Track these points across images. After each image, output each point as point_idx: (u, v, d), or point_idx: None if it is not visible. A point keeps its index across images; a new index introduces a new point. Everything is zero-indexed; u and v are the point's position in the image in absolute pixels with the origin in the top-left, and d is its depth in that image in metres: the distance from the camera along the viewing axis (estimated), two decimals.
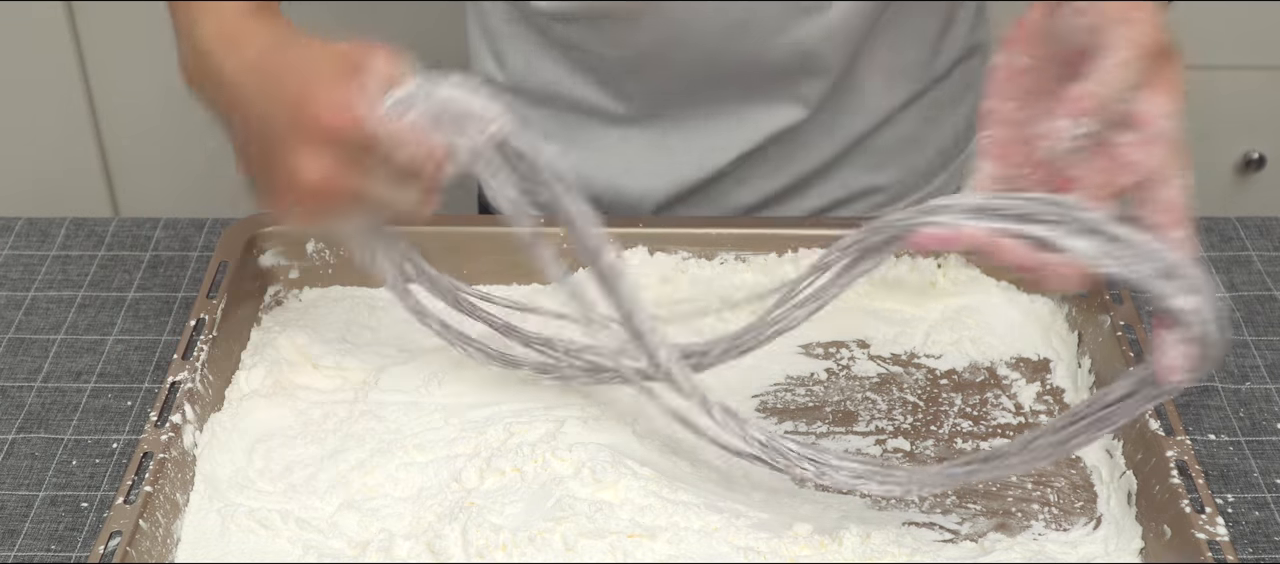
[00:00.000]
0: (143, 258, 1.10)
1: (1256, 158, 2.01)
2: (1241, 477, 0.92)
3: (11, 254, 1.11)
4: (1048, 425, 0.80)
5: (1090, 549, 0.84)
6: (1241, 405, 0.97)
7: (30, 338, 1.03)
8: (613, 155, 1.09)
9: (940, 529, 0.85)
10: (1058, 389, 0.96)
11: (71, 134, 2.02)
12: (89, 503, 0.90)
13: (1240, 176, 2.04)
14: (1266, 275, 1.08)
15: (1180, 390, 0.74)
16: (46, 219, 1.14)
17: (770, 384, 0.96)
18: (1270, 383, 0.99)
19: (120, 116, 2.03)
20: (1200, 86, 1.92)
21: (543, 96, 1.09)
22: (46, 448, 0.94)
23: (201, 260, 1.10)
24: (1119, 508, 0.86)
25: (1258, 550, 0.87)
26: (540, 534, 0.82)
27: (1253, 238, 1.12)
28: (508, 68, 1.10)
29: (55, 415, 0.96)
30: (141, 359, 1.01)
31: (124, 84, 1.99)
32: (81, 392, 0.98)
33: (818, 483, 0.84)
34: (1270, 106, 1.99)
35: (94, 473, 0.92)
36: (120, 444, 0.94)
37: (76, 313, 1.05)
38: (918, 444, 0.91)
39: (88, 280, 1.08)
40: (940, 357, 0.98)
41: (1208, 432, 0.95)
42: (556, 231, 1.02)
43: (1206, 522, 0.80)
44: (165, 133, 2.02)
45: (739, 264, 1.02)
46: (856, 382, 0.97)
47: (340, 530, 0.84)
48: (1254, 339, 1.02)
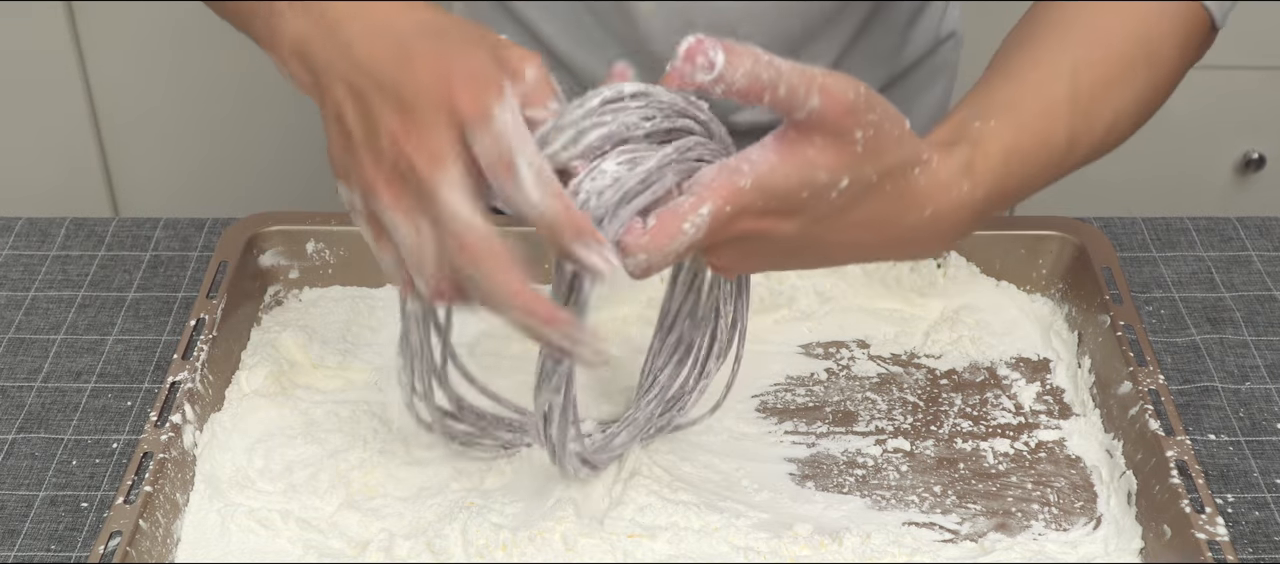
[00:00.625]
0: (143, 258, 1.10)
1: (1256, 158, 2.01)
2: (1241, 477, 0.92)
3: (11, 254, 1.11)
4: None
5: (1090, 549, 0.84)
6: (1241, 405, 0.97)
7: (30, 338, 1.03)
8: None
9: (940, 529, 0.85)
10: (1058, 389, 0.96)
11: (71, 134, 2.02)
12: (89, 503, 0.90)
13: (1240, 176, 2.04)
14: (1266, 275, 1.08)
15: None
16: (46, 219, 1.14)
17: (770, 384, 0.96)
18: (1270, 383, 0.99)
19: (120, 116, 2.03)
20: (1200, 86, 1.93)
21: None
22: (46, 448, 0.94)
23: (201, 260, 1.10)
24: (1119, 508, 0.86)
25: (1258, 550, 0.87)
26: (540, 534, 0.82)
27: (1253, 238, 1.12)
28: None
29: (55, 415, 0.96)
30: (141, 359, 1.01)
31: (124, 84, 1.99)
32: (81, 392, 0.98)
33: None
34: (1270, 106, 1.99)
35: (94, 473, 0.92)
36: (120, 444, 0.94)
37: (76, 313, 1.05)
38: (918, 444, 0.91)
39: (88, 280, 1.08)
40: (940, 356, 0.98)
41: (1208, 432, 0.95)
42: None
43: (1206, 522, 0.80)
44: (165, 133, 2.02)
45: None
46: (856, 382, 0.97)
47: (340, 530, 0.84)
48: (1254, 339, 1.02)
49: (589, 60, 1.04)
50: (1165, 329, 1.03)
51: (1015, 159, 0.79)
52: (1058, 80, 0.81)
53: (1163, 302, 1.06)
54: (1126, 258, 1.10)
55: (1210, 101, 1.94)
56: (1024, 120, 0.80)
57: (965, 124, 0.79)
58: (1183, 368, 1.00)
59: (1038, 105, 0.81)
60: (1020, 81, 0.82)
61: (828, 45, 1.04)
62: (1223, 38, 0.93)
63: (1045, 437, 0.92)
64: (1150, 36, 0.84)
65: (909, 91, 1.12)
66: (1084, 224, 1.03)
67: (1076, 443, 0.91)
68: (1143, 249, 1.11)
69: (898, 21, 1.07)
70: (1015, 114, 0.80)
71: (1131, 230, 1.12)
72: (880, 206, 0.74)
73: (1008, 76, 0.83)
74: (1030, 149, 0.80)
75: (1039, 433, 0.92)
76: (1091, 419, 0.92)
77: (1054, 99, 0.81)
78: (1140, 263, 1.09)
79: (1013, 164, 0.79)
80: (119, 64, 1.98)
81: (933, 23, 1.10)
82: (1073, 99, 0.81)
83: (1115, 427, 0.90)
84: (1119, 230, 1.12)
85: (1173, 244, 1.11)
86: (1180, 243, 1.11)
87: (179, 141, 2.01)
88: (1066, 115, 0.81)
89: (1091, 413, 0.93)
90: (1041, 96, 0.81)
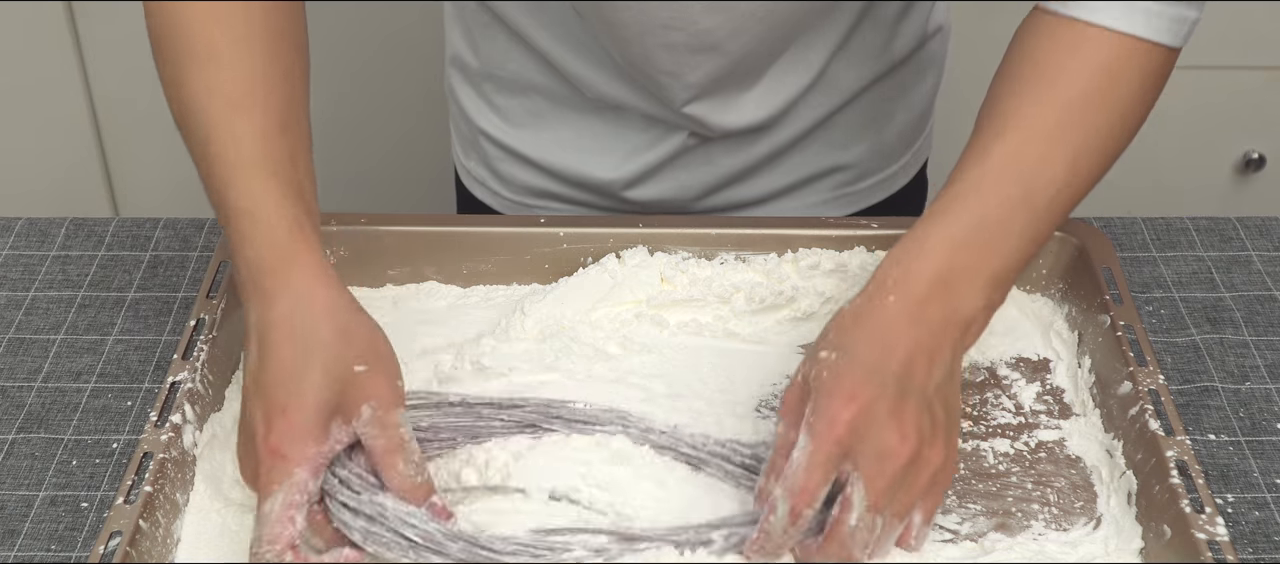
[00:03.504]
0: (143, 258, 1.10)
1: (1256, 158, 2.01)
2: (1241, 477, 0.92)
3: (11, 254, 1.11)
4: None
5: (1090, 549, 0.84)
6: (1241, 405, 0.97)
7: (30, 338, 1.03)
8: (580, 139, 1.10)
9: (940, 529, 0.85)
10: (1058, 389, 0.96)
11: (71, 134, 2.02)
12: (89, 503, 0.90)
13: (1240, 176, 2.04)
14: (1266, 275, 1.08)
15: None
16: (46, 219, 1.14)
17: (770, 384, 0.96)
18: (1270, 383, 0.99)
19: (120, 116, 2.03)
20: (1200, 86, 1.93)
21: (515, 86, 1.10)
22: (46, 448, 0.94)
23: (201, 260, 1.10)
24: (1119, 508, 0.86)
25: (1258, 550, 0.87)
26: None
27: (1253, 238, 1.12)
28: (481, 56, 1.11)
29: (55, 415, 0.96)
30: (141, 359, 1.01)
31: (124, 84, 1.99)
32: (81, 392, 0.98)
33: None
34: (1270, 106, 1.99)
35: (94, 473, 0.92)
36: (120, 444, 0.94)
37: (76, 313, 1.05)
38: None
39: (88, 280, 1.08)
40: None
41: (1208, 432, 0.95)
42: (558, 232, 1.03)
43: (1206, 522, 0.80)
44: (165, 133, 2.01)
45: (739, 264, 1.02)
46: None
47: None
48: (1254, 339, 1.02)
49: (578, 65, 1.05)
50: (1165, 329, 1.03)
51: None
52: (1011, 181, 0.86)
53: (1163, 301, 1.06)
54: (1126, 258, 1.10)
55: (1210, 101, 1.94)
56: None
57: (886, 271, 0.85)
58: (1183, 368, 1.00)
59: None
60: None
61: (819, 43, 1.04)
62: (1223, 38, 0.93)
63: (1045, 437, 0.92)
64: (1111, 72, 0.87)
65: (898, 86, 1.12)
66: (1084, 224, 1.03)
67: (1076, 443, 0.91)
68: (1143, 249, 1.11)
69: (886, 18, 1.07)
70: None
71: (1131, 230, 1.12)
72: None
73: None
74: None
75: (1039, 433, 0.92)
76: (1091, 419, 0.92)
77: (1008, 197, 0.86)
78: (1140, 263, 1.09)
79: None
80: (119, 64, 1.98)
81: (921, 18, 1.10)
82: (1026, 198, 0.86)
83: (1115, 427, 0.90)
84: (1119, 230, 1.12)
85: (1173, 244, 1.11)
86: (1180, 243, 1.11)
87: (179, 141, 2.01)
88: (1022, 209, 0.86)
89: (1091, 413, 0.93)
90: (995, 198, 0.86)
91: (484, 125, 1.14)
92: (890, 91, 1.12)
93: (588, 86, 1.06)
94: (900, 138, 1.16)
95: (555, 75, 1.07)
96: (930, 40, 1.13)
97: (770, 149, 1.10)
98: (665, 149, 1.08)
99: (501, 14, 1.06)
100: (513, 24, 1.06)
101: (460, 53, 1.13)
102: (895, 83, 1.12)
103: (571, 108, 1.09)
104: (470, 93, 1.14)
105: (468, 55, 1.12)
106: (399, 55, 1.96)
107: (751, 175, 1.12)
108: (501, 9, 1.05)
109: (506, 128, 1.13)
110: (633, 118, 1.08)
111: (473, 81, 1.13)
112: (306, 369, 0.80)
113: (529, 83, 1.09)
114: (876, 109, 1.12)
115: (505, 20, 1.06)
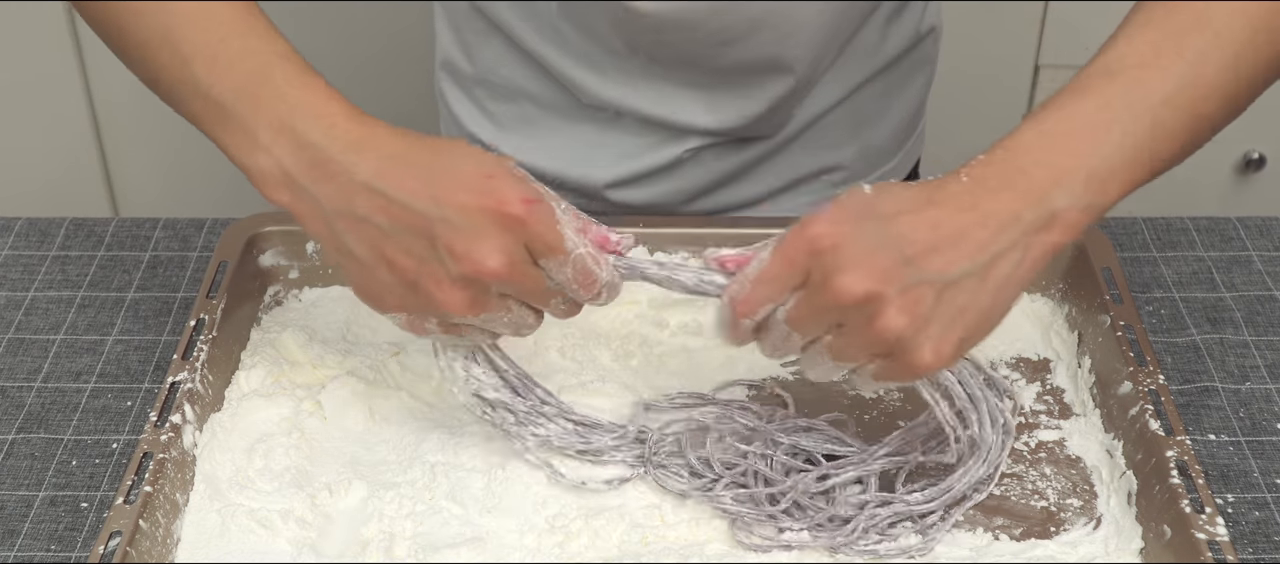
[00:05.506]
0: (142, 258, 1.10)
1: (1256, 158, 2.01)
2: (1241, 477, 0.92)
3: (11, 254, 1.11)
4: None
5: (1090, 549, 0.84)
6: (1241, 405, 0.97)
7: (30, 338, 1.03)
8: (570, 145, 1.10)
9: (940, 529, 0.85)
10: (1058, 389, 0.96)
11: (71, 134, 2.02)
12: (89, 503, 0.90)
13: (1240, 176, 2.04)
14: (1266, 275, 1.08)
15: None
16: (46, 219, 1.14)
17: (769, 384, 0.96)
18: (1270, 383, 0.99)
19: (120, 116, 2.03)
20: None
21: (506, 91, 1.10)
22: (46, 448, 0.94)
23: (201, 260, 1.10)
24: (1119, 508, 0.86)
25: (1258, 550, 0.87)
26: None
27: (1253, 238, 1.12)
28: (474, 61, 1.10)
29: (55, 415, 0.96)
30: (141, 359, 1.01)
31: (124, 84, 1.98)
32: (81, 392, 0.98)
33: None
34: (1270, 106, 1.97)
35: (94, 473, 0.92)
36: (120, 444, 0.94)
37: (76, 313, 1.05)
38: None
39: (87, 280, 1.08)
40: None
41: (1208, 432, 0.95)
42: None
43: (1206, 522, 0.80)
44: (165, 133, 2.02)
45: None
46: None
47: (340, 530, 0.84)
48: (1254, 339, 1.02)
49: (565, 64, 1.04)
50: (1165, 329, 1.03)
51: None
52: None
53: (1163, 301, 1.06)
54: (1126, 258, 1.10)
55: None
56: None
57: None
58: (1183, 368, 1.00)
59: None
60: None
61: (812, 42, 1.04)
62: None
63: (1045, 437, 0.92)
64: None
65: (890, 87, 1.12)
66: None
67: (1076, 443, 0.91)
68: (1143, 249, 1.11)
69: (878, 19, 1.07)
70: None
71: (1131, 230, 1.12)
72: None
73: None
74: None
75: (1039, 433, 0.92)
76: (1091, 419, 0.92)
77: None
78: (1140, 263, 1.09)
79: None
80: (119, 64, 1.98)
81: (913, 19, 1.10)
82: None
83: (1115, 427, 0.90)
84: (1119, 230, 1.12)
85: (1173, 244, 1.11)
86: (1180, 243, 1.11)
87: (179, 141, 2.00)
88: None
89: (1091, 413, 0.93)
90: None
91: (474, 130, 1.14)
92: (882, 92, 1.12)
93: (583, 91, 1.06)
94: (892, 138, 1.16)
95: (548, 81, 1.07)
96: (923, 41, 1.13)
97: (762, 151, 1.10)
98: (659, 156, 1.08)
99: (495, 18, 1.06)
100: (506, 28, 1.06)
101: (451, 57, 1.13)
102: (887, 83, 1.12)
103: (562, 114, 1.09)
104: (461, 97, 1.14)
105: (460, 60, 1.12)
106: (389, 58, 1.95)
107: (743, 177, 1.11)
108: (496, 12, 1.05)
109: (497, 132, 1.13)
110: (627, 122, 1.07)
111: (463, 86, 1.13)
112: (455, 143, 0.78)
113: (520, 89, 1.09)
114: (868, 109, 1.12)
115: (499, 24, 1.06)
